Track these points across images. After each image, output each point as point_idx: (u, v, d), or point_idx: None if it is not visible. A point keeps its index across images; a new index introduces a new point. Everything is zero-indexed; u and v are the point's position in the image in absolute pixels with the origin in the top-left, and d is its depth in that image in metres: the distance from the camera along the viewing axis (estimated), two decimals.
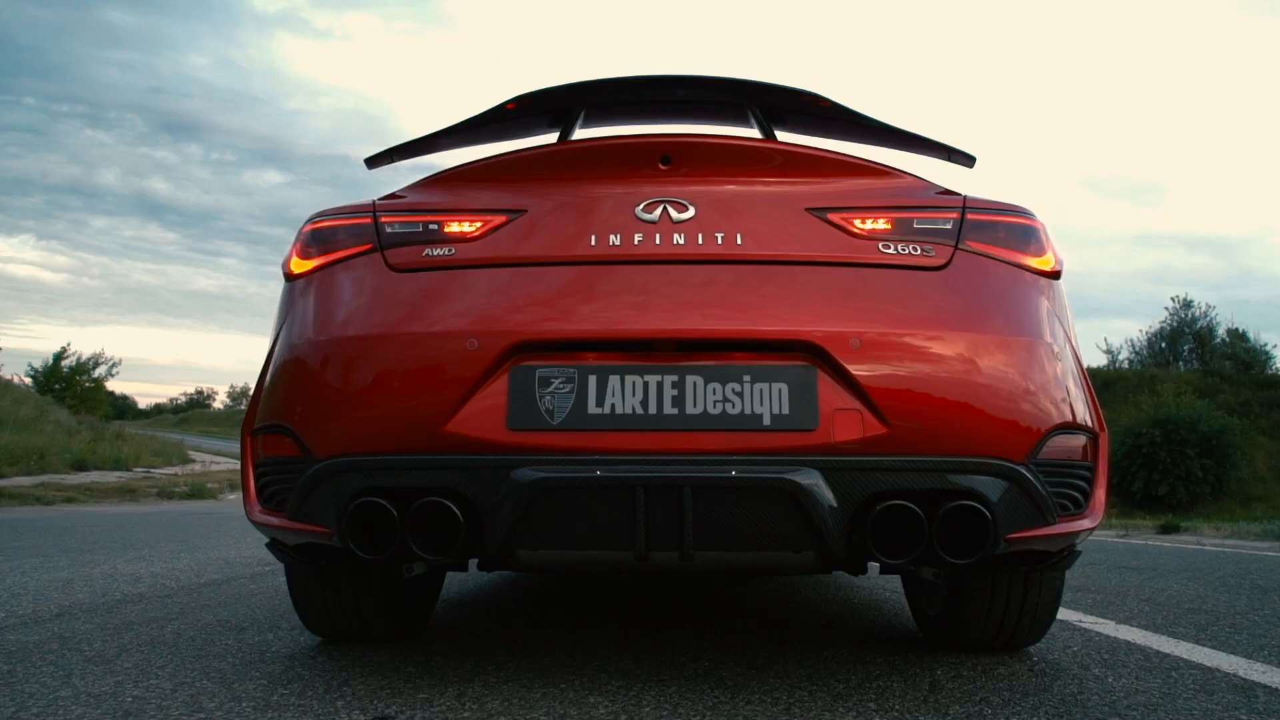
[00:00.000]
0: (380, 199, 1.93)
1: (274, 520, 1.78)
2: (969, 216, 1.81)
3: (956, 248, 1.76)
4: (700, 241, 1.74)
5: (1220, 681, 1.99)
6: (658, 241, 1.74)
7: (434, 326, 1.69)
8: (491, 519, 1.58)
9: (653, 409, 1.59)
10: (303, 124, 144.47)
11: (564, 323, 1.67)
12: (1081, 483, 1.75)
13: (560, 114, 2.47)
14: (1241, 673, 2.08)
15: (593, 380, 1.61)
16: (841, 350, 1.60)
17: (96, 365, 35.34)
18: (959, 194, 1.88)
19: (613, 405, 1.60)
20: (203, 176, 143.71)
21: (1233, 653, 2.35)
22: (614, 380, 1.61)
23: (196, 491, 16.86)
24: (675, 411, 1.59)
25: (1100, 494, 1.80)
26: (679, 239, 1.74)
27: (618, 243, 1.74)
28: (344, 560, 1.91)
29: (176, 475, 21.84)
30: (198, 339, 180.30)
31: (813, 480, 1.54)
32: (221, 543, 5.70)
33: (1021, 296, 1.78)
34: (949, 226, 1.79)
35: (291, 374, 1.80)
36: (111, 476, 19.86)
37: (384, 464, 1.63)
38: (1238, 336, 37.39)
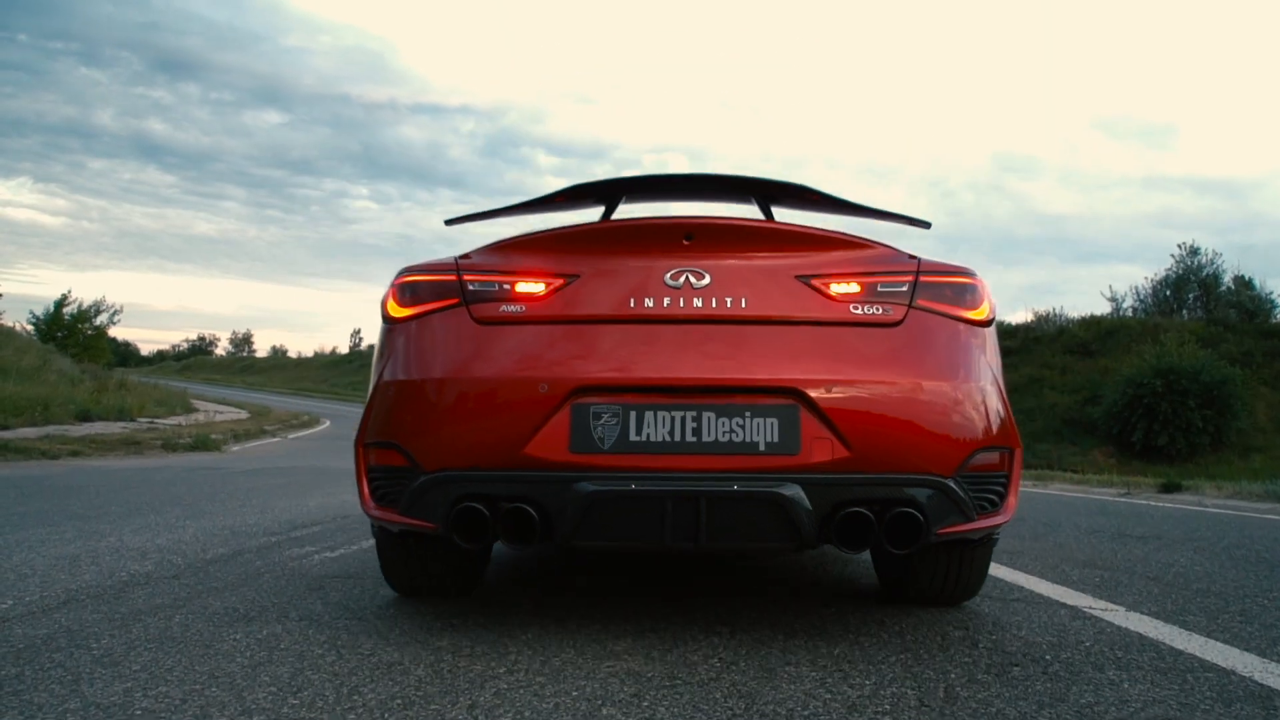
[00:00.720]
0: (459, 258, 2.38)
1: (386, 514, 2.28)
2: (922, 279, 2.29)
3: (910, 306, 2.25)
4: (714, 305, 2.21)
5: (1237, 688, 1.98)
6: (681, 305, 2.21)
7: (514, 372, 2.16)
8: (559, 520, 2.07)
9: (677, 438, 2.09)
10: (303, 62, 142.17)
11: (611, 371, 2.13)
12: (998, 488, 2.26)
13: (605, 195, 2.90)
14: (1258, 676, 2.07)
15: (633, 416, 2.10)
16: (818, 393, 2.09)
17: (98, 313, 35.28)
18: (916, 259, 2.32)
19: (647, 434, 2.09)
20: (201, 117, 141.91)
21: (1247, 649, 2.33)
22: (649, 415, 2.09)
23: (201, 443, 16.90)
24: (694, 440, 2.09)
25: (1012, 498, 2.30)
26: (698, 303, 2.21)
27: (651, 305, 2.21)
28: (442, 545, 2.56)
29: (180, 426, 21.91)
30: (199, 284, 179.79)
31: (794, 492, 2.03)
32: (226, 507, 5.71)
33: (959, 345, 2.26)
34: (905, 289, 2.26)
35: (401, 402, 2.26)
36: (116, 428, 19.93)
37: (478, 477, 2.13)
38: (1243, 284, 37.13)
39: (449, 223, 3.29)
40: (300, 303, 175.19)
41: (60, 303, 34.25)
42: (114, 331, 37.91)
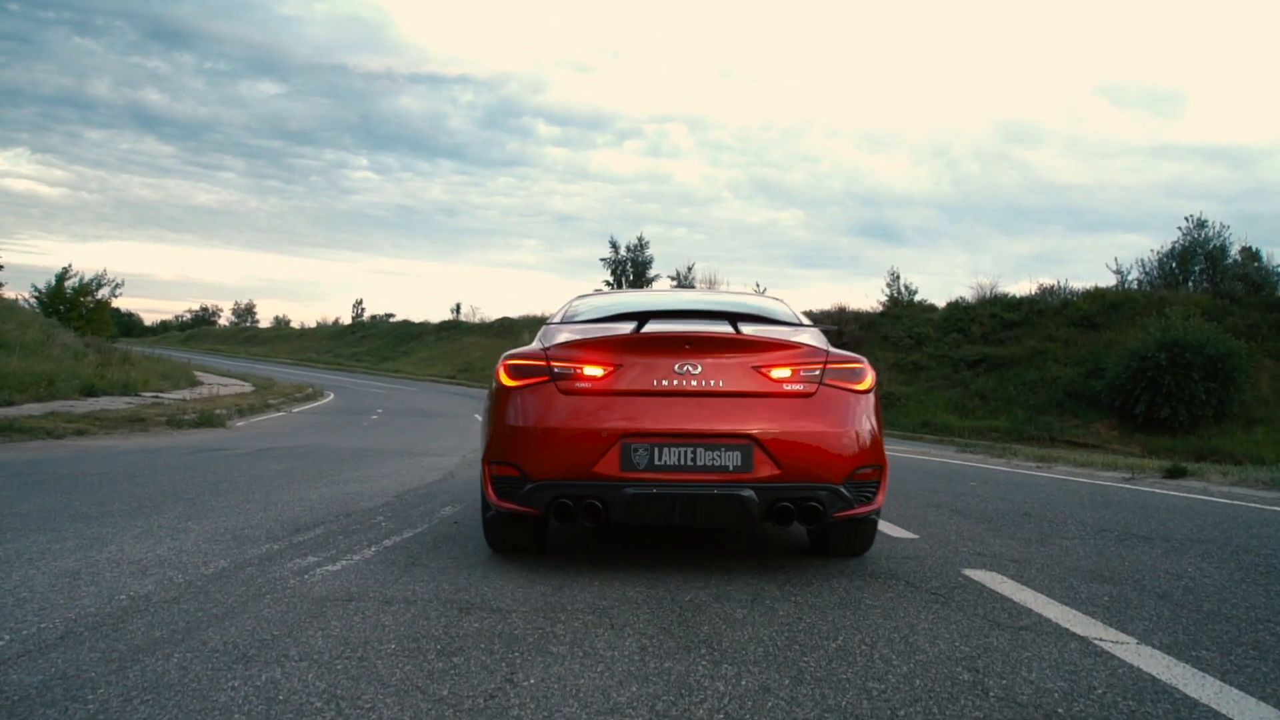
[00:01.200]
0: (548, 348, 3.65)
1: (506, 505, 3.58)
2: (828, 365, 3.57)
3: (820, 384, 3.51)
4: (703, 385, 3.48)
5: None
6: (683, 384, 3.47)
7: (586, 424, 3.43)
8: (614, 510, 3.39)
9: (682, 463, 3.38)
10: (298, 31, 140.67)
11: (643, 424, 3.41)
12: (872, 489, 3.56)
13: (639, 318, 3.99)
14: None
15: (656, 450, 3.39)
16: (763, 437, 3.37)
17: (100, 286, 35.18)
18: (826, 352, 3.62)
19: (665, 461, 3.38)
20: (197, 87, 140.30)
21: (1263, 697, 2.29)
22: (665, 450, 3.39)
23: (205, 420, 16.89)
24: (692, 464, 3.37)
25: (881, 495, 3.62)
26: (693, 383, 3.48)
27: (665, 384, 3.48)
28: (530, 522, 3.84)
29: (185, 401, 21.90)
30: (200, 254, 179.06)
31: (749, 494, 3.33)
32: (229, 502, 5.69)
33: (849, 406, 3.54)
34: (818, 372, 3.54)
35: (517, 438, 3.52)
36: (120, 403, 19.92)
37: (566, 485, 3.43)
38: (1250, 256, 36.82)
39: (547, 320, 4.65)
40: (302, 272, 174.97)
41: (62, 276, 34.11)
42: (117, 302, 37.77)
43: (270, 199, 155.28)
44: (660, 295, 5.77)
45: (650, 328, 3.83)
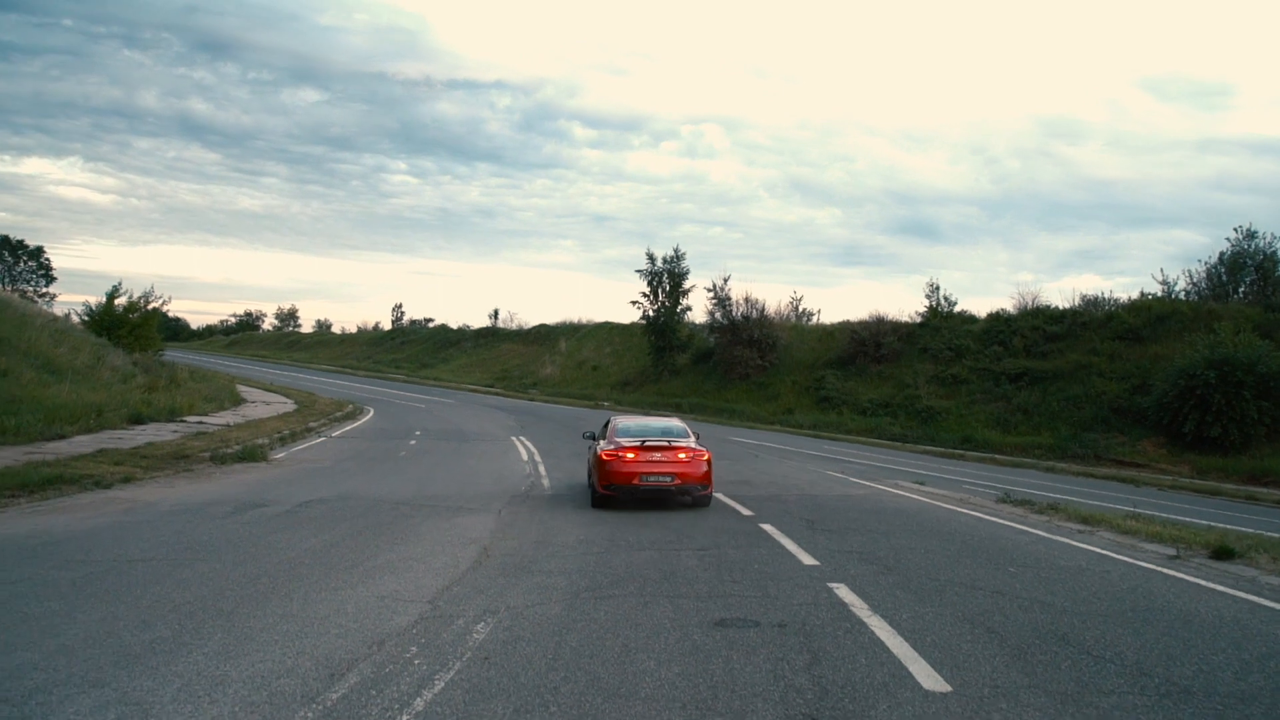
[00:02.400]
0: (615, 444, 12.20)
1: (604, 492, 12.02)
2: (695, 449, 12.28)
3: (692, 456, 12.09)
4: (661, 459, 12.01)
5: None
6: (655, 458, 12.00)
7: (627, 470, 11.85)
8: (635, 495, 12.16)
9: (656, 481, 11.87)
10: (338, 40, 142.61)
11: (643, 469, 11.84)
12: (708, 487, 12.25)
13: (642, 436, 12.52)
14: None
15: (647, 476, 11.85)
16: (677, 472, 11.92)
17: (149, 302, 36.01)
18: (697, 447, 12.43)
19: (649, 481, 11.85)
20: (241, 96, 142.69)
21: None
22: (649, 477, 11.84)
23: (248, 454, 17.21)
24: (657, 481, 11.90)
25: (711, 487, 12.35)
26: (658, 457, 12.02)
27: (649, 458, 11.98)
28: (607, 497, 12.18)
29: (228, 427, 22.32)
30: (244, 257, 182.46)
31: (673, 489, 12.07)
32: (267, 620, 5.80)
33: (702, 462, 12.10)
34: (692, 453, 12.14)
35: (606, 473, 11.90)
36: (167, 432, 20.38)
37: (620, 487, 11.92)
38: None
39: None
40: (343, 274, 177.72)
41: (112, 294, 34.90)
42: (165, 306, 38.70)
43: (312, 203, 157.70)
44: (648, 425, 13.49)
45: (647, 441, 12.09)
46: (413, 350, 71.29)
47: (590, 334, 59.93)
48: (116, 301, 34.99)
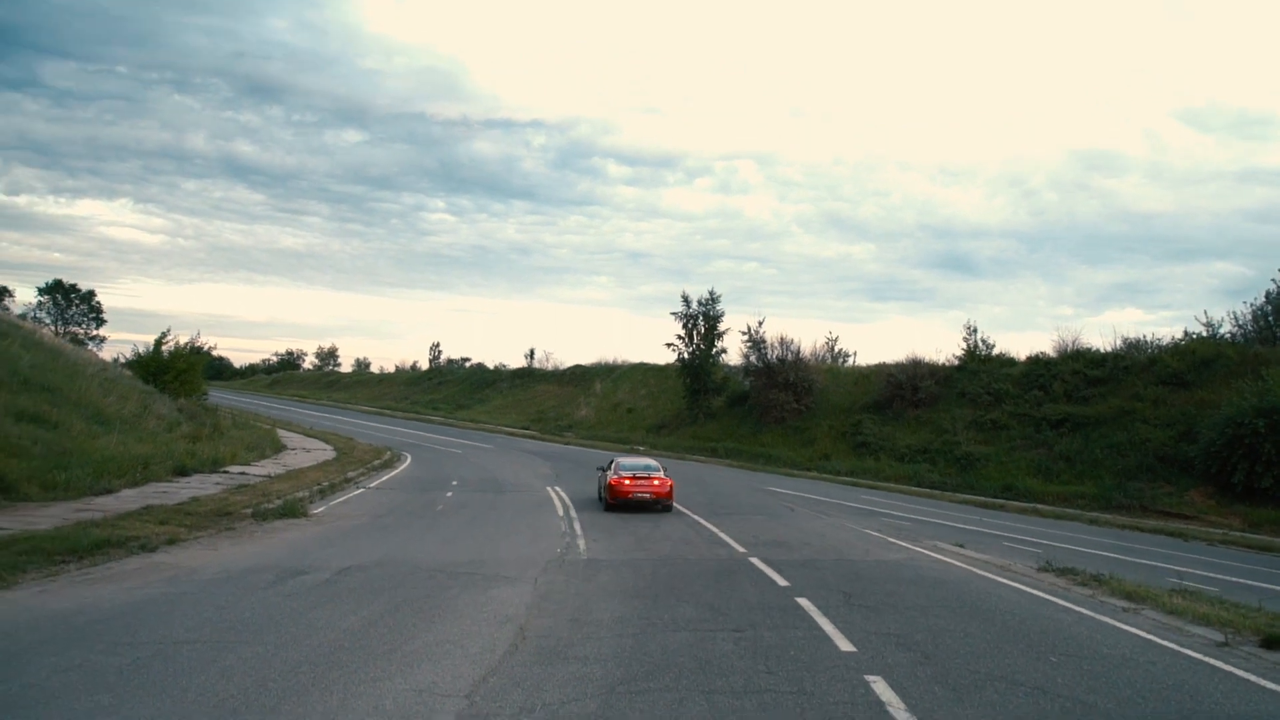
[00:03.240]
0: (619, 474, 21.07)
1: (612, 504, 20.40)
2: (665, 478, 21.37)
3: (663, 481, 21.35)
4: (646, 485, 20.67)
5: None
6: (641, 484, 20.64)
7: (625, 491, 20.38)
8: (629, 506, 20.41)
9: (642, 497, 20.49)
10: (379, 83, 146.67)
11: (634, 492, 20.42)
12: (670, 499, 20.89)
13: (635, 470, 22.05)
14: None
15: (638, 494, 20.47)
16: (654, 491, 20.57)
17: (195, 351, 36.91)
18: (667, 477, 21.38)
19: (637, 496, 20.43)
20: (285, 138, 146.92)
21: None
22: (638, 495, 20.42)
23: (289, 509, 17.45)
24: (643, 497, 20.51)
25: (672, 501, 20.97)
26: (642, 484, 20.66)
27: (639, 484, 20.62)
28: (612, 506, 20.61)
29: (270, 478, 22.64)
30: (287, 295, 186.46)
31: (652, 502, 20.53)
32: None
33: (668, 487, 20.88)
34: (662, 479, 21.09)
35: (612, 493, 20.49)
36: (211, 484, 20.76)
37: (618, 501, 20.32)
38: None
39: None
40: (383, 311, 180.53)
41: (160, 340, 35.82)
42: (207, 342, 39.77)
43: (352, 241, 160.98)
44: (636, 463, 22.20)
45: (636, 474, 20.94)
46: (450, 391, 71.98)
47: (625, 375, 60.12)
48: (164, 347, 35.87)
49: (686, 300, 47.45)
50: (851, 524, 19.68)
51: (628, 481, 20.46)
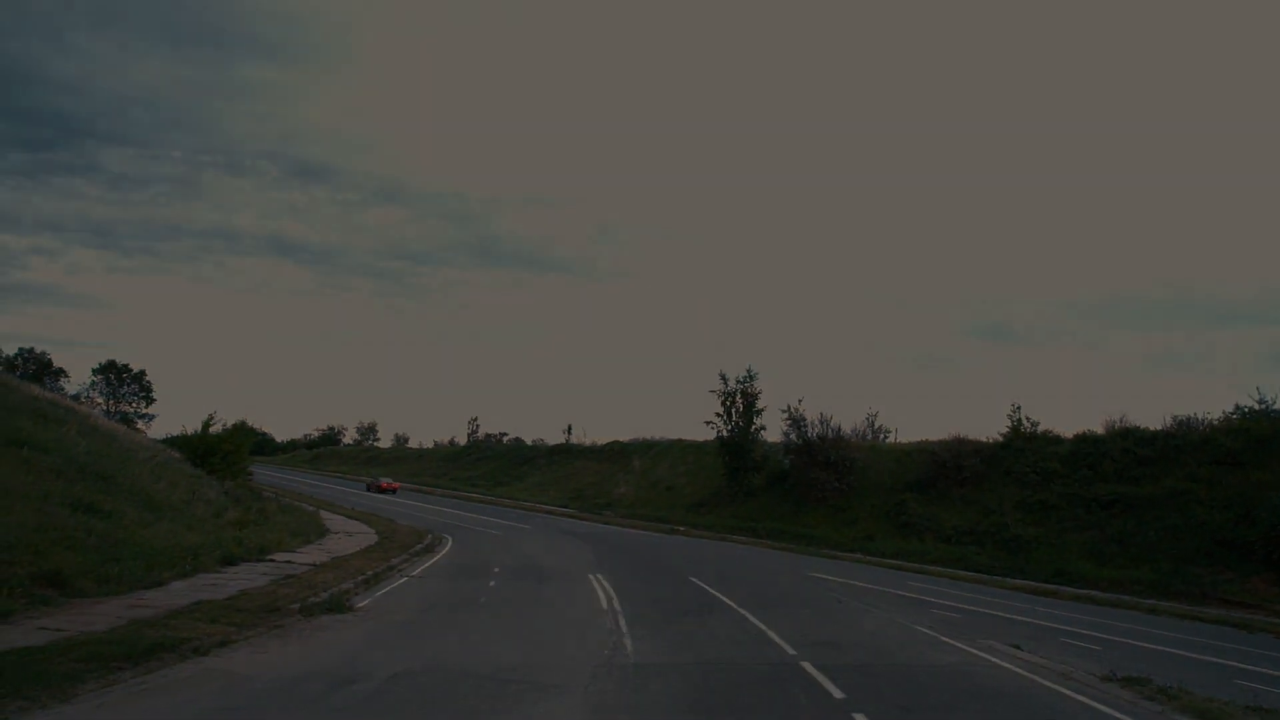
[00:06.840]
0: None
1: None
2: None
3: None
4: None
5: None
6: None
7: None
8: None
9: None
10: (418, 162, 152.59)
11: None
12: None
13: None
14: None
15: None
16: None
17: (241, 430, 37.64)
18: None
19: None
20: (330, 216, 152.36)
21: None
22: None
23: (335, 604, 17.50)
24: None
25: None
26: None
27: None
28: None
29: (315, 568, 22.77)
30: (327, 367, 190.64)
31: None
32: None
33: None
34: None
35: None
36: (258, 574, 20.94)
37: None
38: None
39: None
40: (423, 384, 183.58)
41: (208, 423, 36.58)
42: (252, 417, 40.57)
43: (395, 317, 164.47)
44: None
45: None
46: (488, 467, 72.23)
47: (664, 452, 59.99)
48: (211, 430, 36.58)
49: (724, 378, 47.62)
50: (901, 618, 19.25)
51: None
